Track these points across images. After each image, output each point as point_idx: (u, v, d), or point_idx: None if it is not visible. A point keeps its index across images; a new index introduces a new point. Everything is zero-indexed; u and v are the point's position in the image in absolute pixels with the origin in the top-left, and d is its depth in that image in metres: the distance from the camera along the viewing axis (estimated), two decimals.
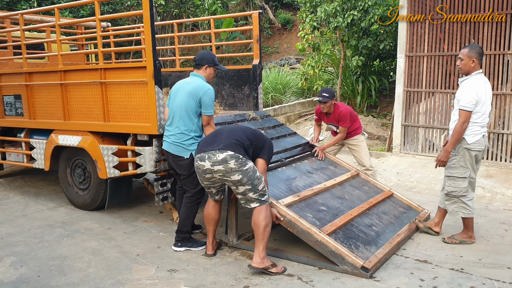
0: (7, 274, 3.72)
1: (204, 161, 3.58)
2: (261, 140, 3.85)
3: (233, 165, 3.50)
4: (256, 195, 3.61)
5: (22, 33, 5.44)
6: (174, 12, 15.48)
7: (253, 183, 3.57)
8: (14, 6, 11.74)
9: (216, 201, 3.98)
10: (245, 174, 3.53)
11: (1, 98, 5.93)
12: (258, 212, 3.62)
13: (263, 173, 3.72)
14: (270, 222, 3.66)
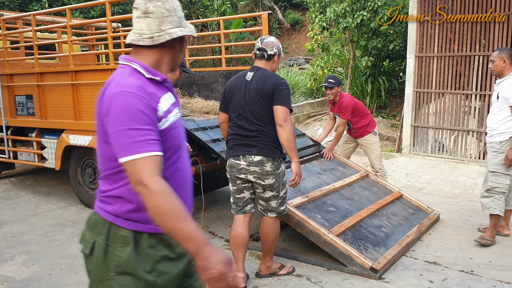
0: (19, 272, 3.77)
1: (239, 160, 3.33)
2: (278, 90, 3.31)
3: (269, 167, 3.29)
4: (277, 205, 3.42)
5: (34, 34, 5.50)
6: (184, 12, 15.55)
7: (279, 189, 3.39)
8: (25, 6, 11.87)
9: (245, 215, 3.49)
10: (277, 178, 3.34)
11: (13, 98, 6.00)
12: (267, 225, 3.46)
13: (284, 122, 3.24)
14: (279, 233, 3.54)
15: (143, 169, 1.43)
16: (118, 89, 1.50)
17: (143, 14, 1.58)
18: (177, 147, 1.64)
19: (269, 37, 3.45)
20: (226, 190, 6.15)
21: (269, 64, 3.44)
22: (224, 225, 4.88)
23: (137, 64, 1.60)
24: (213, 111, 5.52)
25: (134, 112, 1.47)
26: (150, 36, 1.58)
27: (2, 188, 6.57)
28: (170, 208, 1.42)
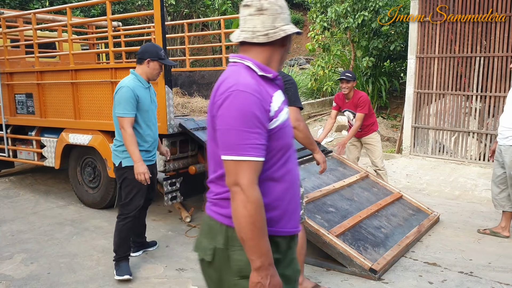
0: (18, 271, 3.76)
1: None
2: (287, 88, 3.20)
3: None
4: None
5: (34, 32, 5.49)
6: (185, 11, 15.53)
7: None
8: (26, 5, 11.86)
9: None
10: None
11: (13, 97, 5.99)
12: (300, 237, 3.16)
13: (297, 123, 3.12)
14: (305, 243, 3.28)
15: (244, 173, 1.45)
16: (234, 87, 1.50)
17: (257, 11, 1.57)
18: (287, 147, 1.62)
19: None
20: None
21: None
22: None
23: (250, 61, 1.59)
24: None
25: (246, 113, 1.47)
26: (265, 33, 1.57)
27: (1, 187, 6.56)
28: (259, 219, 1.45)
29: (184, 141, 4.80)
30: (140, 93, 3.59)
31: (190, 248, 4.21)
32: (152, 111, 3.76)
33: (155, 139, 3.82)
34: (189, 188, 4.92)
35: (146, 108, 3.65)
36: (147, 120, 3.69)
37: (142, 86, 3.64)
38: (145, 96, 3.65)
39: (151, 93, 3.76)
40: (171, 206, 5.40)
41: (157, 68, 3.69)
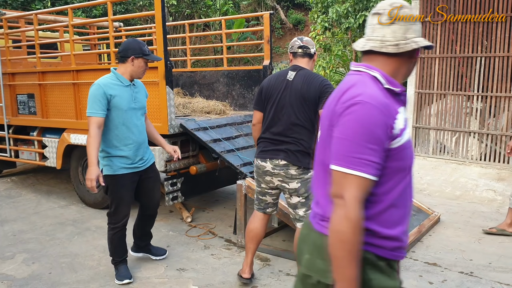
0: (19, 271, 3.78)
1: (266, 162, 3.20)
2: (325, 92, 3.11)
3: (294, 171, 3.14)
4: (306, 214, 3.23)
5: (36, 33, 5.52)
6: (186, 12, 15.56)
7: (308, 197, 3.20)
8: (28, 5, 11.89)
9: (265, 214, 3.43)
10: (304, 184, 3.16)
11: (15, 97, 6.01)
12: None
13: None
14: None
15: (351, 187, 1.37)
16: (360, 98, 1.41)
17: (388, 20, 1.51)
18: (409, 168, 1.53)
19: (306, 37, 3.38)
20: (226, 190, 6.16)
21: (311, 63, 3.30)
22: (224, 225, 4.88)
23: (377, 72, 1.51)
24: (214, 111, 5.52)
25: (368, 126, 1.38)
26: (395, 43, 1.50)
27: (3, 187, 6.59)
28: (351, 240, 1.36)
29: (185, 141, 4.82)
30: (115, 92, 3.31)
31: (191, 248, 4.23)
32: (134, 111, 3.41)
33: (139, 143, 3.47)
34: (190, 188, 4.94)
35: (124, 108, 3.34)
36: (127, 121, 3.37)
37: (119, 84, 3.36)
38: (123, 95, 3.35)
39: (134, 92, 3.44)
40: (172, 206, 5.42)
41: (142, 65, 3.43)
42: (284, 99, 3.16)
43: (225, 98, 6.20)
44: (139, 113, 3.49)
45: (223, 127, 4.90)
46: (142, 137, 3.52)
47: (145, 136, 3.57)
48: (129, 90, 3.42)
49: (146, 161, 3.58)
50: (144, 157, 3.56)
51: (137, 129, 3.46)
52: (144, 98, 3.59)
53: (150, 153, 3.68)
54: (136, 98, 3.45)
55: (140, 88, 3.56)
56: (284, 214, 3.87)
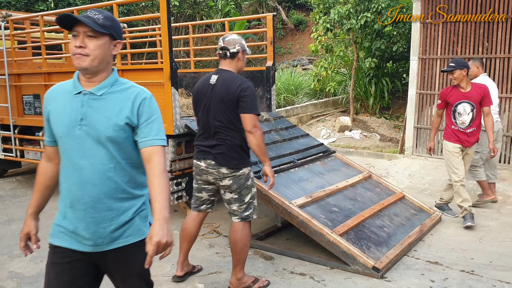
0: (28, 269, 3.84)
1: (200, 162, 3.34)
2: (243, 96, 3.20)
3: (225, 170, 3.27)
4: (239, 208, 3.34)
5: (42, 34, 5.58)
6: (188, 12, 15.62)
7: (240, 193, 3.31)
8: (31, 6, 11.96)
9: (199, 213, 3.54)
10: (236, 181, 3.28)
11: (21, 98, 6.08)
12: (235, 231, 3.35)
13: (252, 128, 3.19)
14: (249, 241, 3.39)
15: None
16: None
17: None
18: None
19: (231, 35, 3.36)
20: None
21: (233, 63, 3.33)
22: (228, 224, 4.94)
23: None
24: None
25: None
26: None
27: (9, 186, 6.65)
28: None
29: (190, 141, 4.88)
30: (56, 106, 1.93)
31: (196, 247, 4.28)
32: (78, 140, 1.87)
33: (84, 201, 1.88)
34: None
35: (58, 131, 1.90)
36: (69, 153, 1.89)
37: (68, 92, 1.93)
38: (65, 109, 1.89)
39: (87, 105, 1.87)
40: (176, 206, 5.47)
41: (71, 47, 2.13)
42: (209, 104, 3.27)
43: None
44: (93, 144, 1.86)
45: None
46: (96, 192, 1.87)
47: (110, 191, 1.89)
48: (78, 101, 1.88)
49: (111, 241, 1.93)
50: (104, 232, 1.91)
51: (80, 173, 1.87)
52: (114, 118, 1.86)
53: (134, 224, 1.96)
54: (87, 116, 1.86)
55: (113, 100, 1.89)
56: (287, 214, 3.94)
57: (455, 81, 4.76)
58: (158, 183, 1.82)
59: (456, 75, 4.72)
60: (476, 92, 4.74)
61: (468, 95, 4.76)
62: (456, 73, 4.71)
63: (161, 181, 1.83)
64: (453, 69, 4.73)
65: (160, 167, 1.85)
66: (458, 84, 4.78)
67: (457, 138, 4.82)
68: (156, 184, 1.82)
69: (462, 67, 4.69)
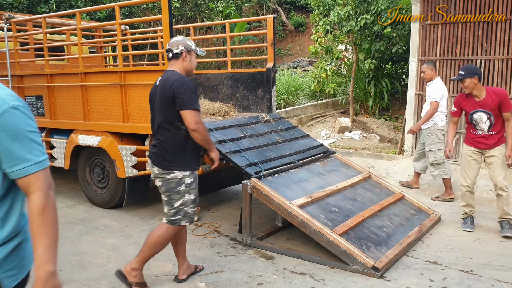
0: None
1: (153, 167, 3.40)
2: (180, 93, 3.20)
3: (156, 170, 3.31)
4: (169, 212, 3.35)
5: (45, 36, 5.63)
6: (189, 15, 15.67)
7: (170, 197, 3.30)
8: (33, 8, 12.01)
9: None
10: (166, 184, 3.29)
11: (24, 99, 6.12)
12: (158, 227, 3.39)
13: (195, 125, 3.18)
14: (162, 245, 3.38)
15: None
16: None
17: None
18: None
19: (176, 37, 3.41)
20: (231, 189, 6.27)
21: (179, 64, 3.35)
22: (229, 224, 4.98)
23: None
24: (218, 112, 5.63)
25: None
26: None
27: None
28: None
29: None
30: None
31: (197, 247, 4.33)
32: None
33: None
34: None
35: None
36: None
37: None
38: None
39: None
40: None
41: None
42: (153, 105, 3.36)
43: (229, 100, 6.30)
44: None
45: (228, 129, 5.00)
46: None
47: None
48: None
49: None
50: None
51: None
52: None
53: None
54: None
55: None
56: (288, 214, 3.98)
57: (466, 90, 4.55)
58: (38, 226, 1.46)
59: (467, 83, 4.50)
60: (491, 99, 4.46)
61: (482, 104, 4.50)
62: (466, 82, 4.50)
63: (41, 223, 1.46)
64: (463, 78, 4.51)
65: (39, 202, 1.46)
66: (470, 92, 4.55)
67: (473, 140, 4.67)
68: (35, 227, 1.46)
69: (473, 75, 4.46)
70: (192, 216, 3.42)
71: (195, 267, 3.75)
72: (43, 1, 12.22)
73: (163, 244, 3.38)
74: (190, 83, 3.25)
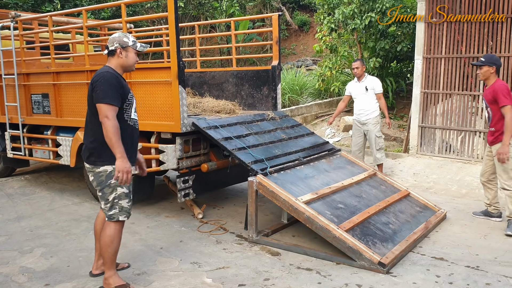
0: (38, 264, 3.91)
1: None
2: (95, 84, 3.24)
3: (87, 165, 3.32)
4: (105, 207, 3.32)
5: (51, 34, 5.65)
6: (193, 13, 15.70)
7: (102, 190, 3.29)
8: (38, 7, 12.06)
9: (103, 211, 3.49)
10: (97, 177, 3.28)
11: (29, 97, 6.15)
12: (103, 229, 3.35)
13: (102, 118, 3.15)
14: (112, 243, 3.32)
15: None
16: None
17: None
18: None
19: (114, 34, 3.43)
20: (236, 187, 6.28)
21: (114, 60, 3.37)
22: (235, 221, 5.00)
23: None
24: (224, 110, 5.64)
25: None
26: None
27: (17, 185, 6.73)
28: None
29: (197, 139, 4.94)
30: None
31: (203, 243, 4.34)
32: None
33: None
34: (201, 185, 5.05)
35: None
36: None
37: None
38: None
39: None
40: (183, 203, 5.53)
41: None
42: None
43: (234, 98, 6.31)
44: None
45: (233, 126, 5.01)
46: None
47: None
48: None
49: None
50: None
51: None
52: None
53: None
54: None
55: None
56: (293, 210, 3.99)
57: (480, 77, 4.71)
58: None
59: (483, 71, 4.63)
60: (489, 91, 4.65)
61: (484, 93, 4.79)
62: (483, 69, 4.63)
63: None
64: (481, 64, 4.64)
65: None
66: (484, 80, 4.72)
67: None
68: None
69: (492, 64, 4.57)
70: (129, 211, 3.39)
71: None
72: (47, 0, 12.27)
73: (114, 242, 3.33)
74: (109, 77, 3.22)
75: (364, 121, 6.52)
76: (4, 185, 6.70)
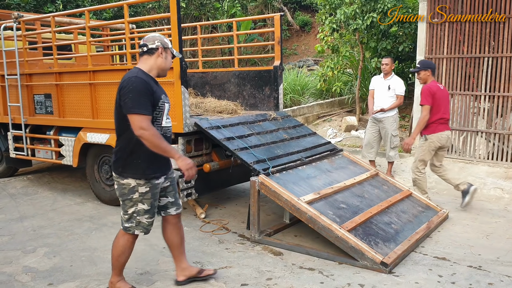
0: (41, 263, 3.92)
1: None
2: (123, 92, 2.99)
3: (114, 174, 3.18)
4: (123, 217, 3.22)
5: (54, 35, 5.67)
6: (194, 14, 15.72)
7: (123, 202, 3.17)
8: (40, 8, 12.09)
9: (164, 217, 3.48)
10: (119, 188, 3.14)
11: (32, 97, 6.17)
12: (117, 237, 3.28)
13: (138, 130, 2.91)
14: (122, 252, 3.25)
15: None
16: None
17: None
18: None
19: (151, 34, 3.24)
20: (239, 187, 6.29)
21: (152, 60, 3.10)
22: (237, 221, 5.00)
23: None
24: (225, 110, 5.65)
25: None
26: None
27: (20, 185, 6.75)
28: None
29: (199, 139, 4.95)
30: None
31: (205, 243, 4.35)
32: None
33: None
34: (203, 185, 5.06)
35: None
36: None
37: None
38: None
39: None
40: (185, 203, 5.54)
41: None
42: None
43: (236, 98, 6.32)
44: None
45: (235, 126, 5.02)
46: None
47: None
48: None
49: None
50: None
51: None
52: None
53: None
54: None
55: None
56: (295, 210, 4.00)
57: (420, 81, 5.40)
58: None
59: (421, 75, 5.32)
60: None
61: None
62: (421, 73, 5.32)
63: None
64: (418, 70, 5.34)
65: None
66: (423, 83, 5.36)
67: None
68: None
69: (427, 68, 5.27)
70: (147, 227, 3.23)
71: (199, 271, 3.53)
72: (50, 1, 12.30)
73: (125, 253, 3.26)
74: (138, 83, 2.94)
75: (381, 118, 6.63)
76: (6, 185, 6.72)
